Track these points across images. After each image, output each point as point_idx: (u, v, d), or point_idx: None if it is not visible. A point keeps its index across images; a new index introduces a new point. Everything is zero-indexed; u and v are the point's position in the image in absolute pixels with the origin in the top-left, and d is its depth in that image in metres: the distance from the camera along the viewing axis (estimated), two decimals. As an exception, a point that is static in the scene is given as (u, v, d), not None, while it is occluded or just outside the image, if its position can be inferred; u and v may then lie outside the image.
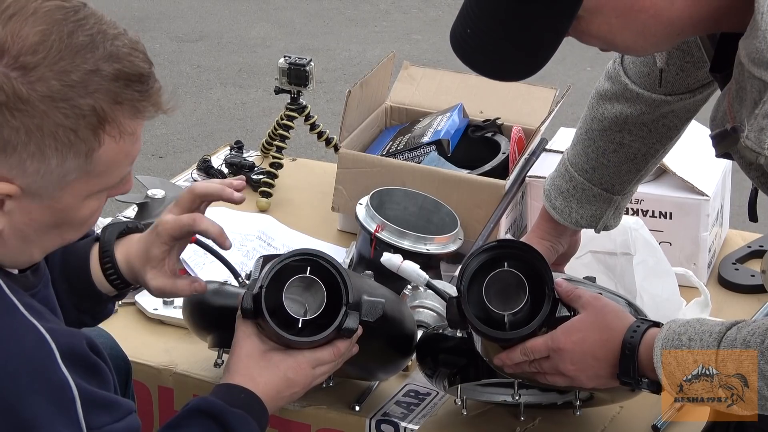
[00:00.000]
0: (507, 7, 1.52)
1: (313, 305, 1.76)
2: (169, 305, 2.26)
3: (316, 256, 1.77)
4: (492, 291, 1.75)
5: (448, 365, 1.91)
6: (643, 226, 2.26)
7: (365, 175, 2.52)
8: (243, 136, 4.47)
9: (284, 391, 1.77)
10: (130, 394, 2.00)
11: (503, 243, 1.86)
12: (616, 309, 1.78)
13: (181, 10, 6.53)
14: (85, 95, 1.40)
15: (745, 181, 1.65)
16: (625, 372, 1.73)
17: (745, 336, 1.61)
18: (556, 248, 2.09)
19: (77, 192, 1.46)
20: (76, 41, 1.40)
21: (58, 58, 1.39)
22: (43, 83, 1.38)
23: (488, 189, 2.45)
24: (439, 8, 6.54)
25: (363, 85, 2.66)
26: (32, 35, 1.38)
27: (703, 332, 1.66)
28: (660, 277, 2.23)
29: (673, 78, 1.91)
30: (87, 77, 1.40)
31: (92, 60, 1.40)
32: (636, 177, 2.05)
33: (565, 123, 2.94)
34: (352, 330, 1.76)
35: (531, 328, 1.74)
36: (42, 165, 1.41)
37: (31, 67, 1.38)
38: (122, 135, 1.44)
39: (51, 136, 1.39)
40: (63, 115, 1.39)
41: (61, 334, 1.46)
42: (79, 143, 1.41)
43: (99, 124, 1.41)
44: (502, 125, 2.70)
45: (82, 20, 1.42)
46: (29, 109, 1.38)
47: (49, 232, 1.49)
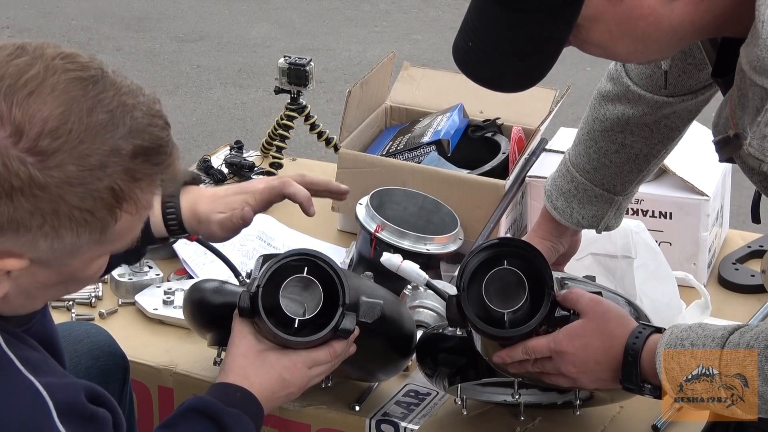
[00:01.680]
0: (507, 18, 1.52)
1: (311, 305, 1.76)
2: (169, 305, 2.26)
3: (313, 257, 1.77)
4: (492, 289, 1.75)
5: (448, 365, 1.91)
6: (644, 229, 2.26)
7: (365, 175, 2.52)
8: (243, 136, 4.46)
9: (279, 391, 1.76)
10: (128, 392, 2.00)
11: (503, 241, 1.86)
12: (618, 314, 1.78)
13: (181, 10, 6.53)
14: (103, 177, 1.35)
15: (745, 181, 1.65)
16: (628, 378, 1.73)
17: (748, 340, 1.61)
18: (557, 248, 2.10)
19: (88, 257, 1.43)
20: (95, 120, 1.35)
21: (78, 141, 1.34)
22: (60, 169, 1.33)
23: (488, 189, 2.45)
24: (439, 8, 6.54)
25: (363, 85, 2.66)
26: (52, 119, 1.33)
27: (705, 336, 1.65)
28: (660, 281, 2.23)
29: (675, 80, 1.91)
30: (106, 159, 1.35)
31: (112, 140, 1.36)
32: (638, 177, 2.05)
33: (565, 123, 2.94)
34: (349, 331, 1.76)
35: (530, 327, 1.74)
36: (56, 242, 1.37)
37: (50, 153, 1.32)
38: (138, 210, 1.41)
39: (66, 217, 1.35)
40: (79, 198, 1.35)
41: (59, 389, 1.43)
42: (96, 222, 1.37)
43: (116, 203, 1.37)
44: (502, 125, 2.70)
45: (101, 93, 1.37)
46: (45, 194, 1.33)
47: (55, 288, 1.47)
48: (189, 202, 1.92)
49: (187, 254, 2.42)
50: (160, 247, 2.45)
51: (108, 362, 1.96)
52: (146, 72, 5.71)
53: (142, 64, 5.81)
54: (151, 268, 2.36)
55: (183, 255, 2.42)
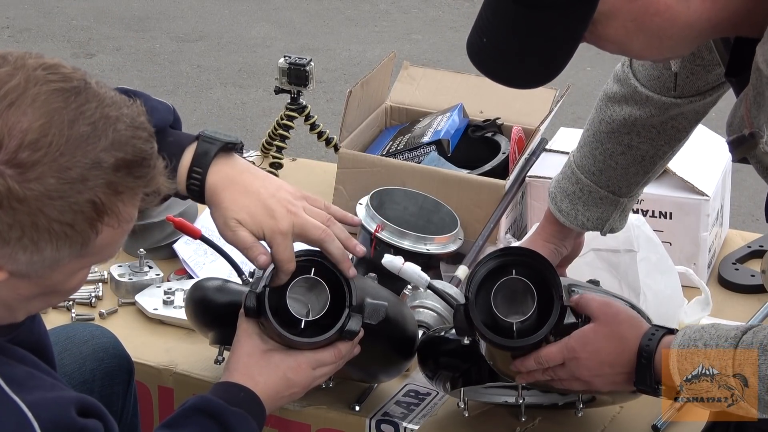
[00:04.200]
0: (522, 14, 1.51)
1: (316, 306, 1.76)
2: (169, 305, 2.26)
3: (321, 258, 1.77)
4: (500, 297, 1.75)
5: (449, 368, 1.91)
6: (645, 223, 2.26)
7: (365, 175, 2.52)
8: (243, 136, 4.45)
9: (283, 391, 1.76)
10: (132, 394, 2.00)
11: (510, 250, 1.85)
12: (630, 317, 1.78)
13: (181, 10, 6.53)
14: (83, 190, 1.33)
15: (745, 180, 1.65)
16: (642, 380, 1.73)
17: (761, 339, 1.61)
18: (560, 251, 2.09)
19: (68, 270, 1.41)
20: (77, 132, 1.33)
21: (58, 154, 1.31)
22: (40, 182, 1.31)
23: (488, 189, 2.45)
24: (439, 8, 6.54)
25: (363, 85, 2.66)
26: (31, 131, 1.31)
27: (719, 337, 1.65)
28: (663, 273, 2.22)
29: (683, 81, 1.91)
30: (87, 172, 1.33)
31: (93, 152, 1.33)
32: (643, 179, 2.05)
33: (565, 123, 2.94)
34: (355, 332, 1.76)
35: (539, 337, 1.74)
36: (35, 256, 1.35)
37: (30, 165, 1.30)
38: (120, 223, 1.39)
39: (46, 230, 1.33)
40: (59, 211, 1.33)
41: (45, 408, 1.41)
42: (76, 235, 1.35)
43: (97, 216, 1.35)
44: (502, 125, 2.70)
45: (83, 105, 1.35)
46: (24, 207, 1.31)
47: (36, 300, 1.45)
48: (217, 184, 1.72)
49: (187, 254, 2.42)
50: (160, 247, 2.45)
51: (112, 364, 1.96)
52: (146, 72, 5.71)
53: (142, 64, 5.81)
54: (151, 268, 2.36)
55: (183, 255, 2.42)
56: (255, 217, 1.72)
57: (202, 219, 2.58)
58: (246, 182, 1.74)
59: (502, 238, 2.44)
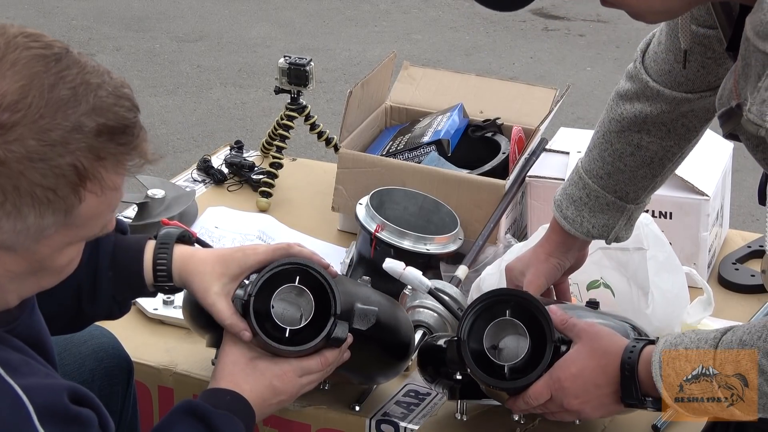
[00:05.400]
0: None
1: (307, 309, 1.76)
2: (169, 305, 2.26)
3: (304, 266, 1.76)
4: (492, 332, 1.79)
5: (449, 378, 1.92)
6: (652, 221, 2.24)
7: (365, 175, 2.53)
8: (243, 136, 4.47)
9: (270, 398, 1.75)
10: (132, 394, 2.00)
11: (504, 291, 1.89)
12: (610, 333, 1.79)
13: (181, 10, 6.54)
14: (65, 154, 1.33)
15: (745, 180, 1.65)
16: (628, 393, 1.74)
17: (741, 336, 1.62)
18: (563, 264, 2.07)
19: (55, 243, 1.40)
20: (57, 96, 1.33)
21: (38, 116, 1.31)
22: (20, 143, 1.31)
23: (488, 189, 2.45)
24: (439, 8, 6.54)
25: (363, 85, 2.66)
26: (11, 92, 1.31)
27: (698, 340, 1.67)
28: (670, 272, 2.21)
29: (694, 75, 1.90)
30: (68, 135, 1.33)
31: (74, 116, 1.33)
32: (651, 184, 2.03)
33: (565, 123, 2.95)
34: (341, 340, 1.75)
35: (530, 380, 1.77)
36: (18, 223, 1.35)
37: (9, 127, 1.30)
38: (104, 190, 1.38)
39: (28, 195, 1.33)
40: (41, 174, 1.32)
41: (39, 392, 1.41)
42: (59, 201, 1.35)
43: (80, 181, 1.35)
44: (502, 125, 2.70)
45: (64, 71, 1.35)
46: (5, 170, 1.31)
47: (26, 280, 1.44)
48: (181, 259, 1.80)
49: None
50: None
51: (112, 364, 1.96)
52: (146, 72, 5.72)
53: (142, 64, 5.81)
54: (151, 268, 2.36)
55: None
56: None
57: (201, 220, 2.58)
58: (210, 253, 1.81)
59: (502, 238, 2.44)
